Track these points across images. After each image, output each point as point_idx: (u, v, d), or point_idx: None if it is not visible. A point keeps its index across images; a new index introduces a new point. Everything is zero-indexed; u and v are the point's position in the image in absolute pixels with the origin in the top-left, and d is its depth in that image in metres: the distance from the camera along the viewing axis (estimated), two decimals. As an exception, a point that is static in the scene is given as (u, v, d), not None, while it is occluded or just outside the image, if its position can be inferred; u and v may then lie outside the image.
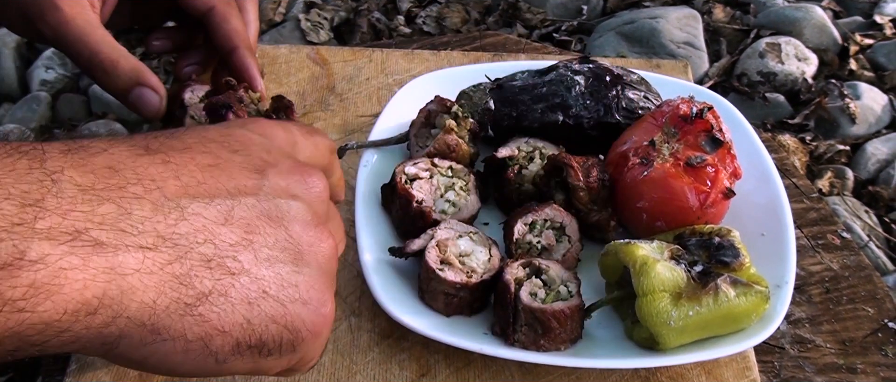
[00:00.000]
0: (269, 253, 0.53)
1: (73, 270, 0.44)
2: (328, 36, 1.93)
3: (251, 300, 0.51)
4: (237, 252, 0.51)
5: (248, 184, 0.54)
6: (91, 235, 0.45)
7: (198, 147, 0.54)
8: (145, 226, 0.47)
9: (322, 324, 0.55)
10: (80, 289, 0.44)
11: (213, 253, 0.50)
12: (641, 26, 1.84)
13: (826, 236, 1.01)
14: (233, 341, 0.51)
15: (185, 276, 0.49)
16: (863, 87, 1.73)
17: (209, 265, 0.50)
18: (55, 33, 0.89)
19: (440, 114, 0.96)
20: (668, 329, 0.77)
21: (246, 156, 0.56)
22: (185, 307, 0.49)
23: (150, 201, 0.48)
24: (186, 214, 0.50)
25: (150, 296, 0.47)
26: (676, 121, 0.89)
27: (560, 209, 0.88)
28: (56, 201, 0.45)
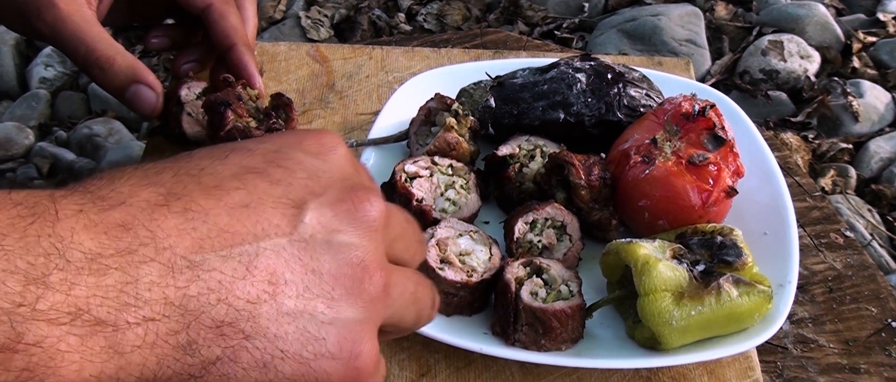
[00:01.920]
0: (295, 304, 0.48)
1: (70, 352, 0.43)
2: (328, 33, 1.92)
3: (266, 363, 0.47)
4: (255, 308, 0.47)
5: (281, 223, 0.49)
6: (92, 314, 0.43)
7: (231, 183, 0.50)
8: (153, 293, 0.45)
9: (355, 376, 0.50)
10: (76, 370, 0.43)
11: (226, 316, 0.46)
12: (643, 24, 1.83)
13: (829, 235, 1.00)
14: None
15: (192, 344, 0.46)
16: (866, 85, 1.72)
17: (220, 330, 0.46)
18: (52, 30, 0.89)
19: (440, 112, 0.95)
20: (670, 328, 0.76)
21: (287, 186, 0.51)
22: (189, 378, 0.46)
23: (161, 263, 0.45)
24: (201, 272, 0.46)
25: (151, 369, 0.45)
26: (678, 119, 0.88)
27: (561, 208, 0.87)
28: (61, 275, 0.43)
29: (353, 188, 0.53)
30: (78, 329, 0.43)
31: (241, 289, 0.47)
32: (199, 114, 0.96)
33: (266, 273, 0.48)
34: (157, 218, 0.46)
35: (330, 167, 0.54)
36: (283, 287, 0.48)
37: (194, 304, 0.46)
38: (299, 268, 0.49)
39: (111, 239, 0.45)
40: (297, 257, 0.49)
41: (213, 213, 0.48)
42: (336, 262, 0.50)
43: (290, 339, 0.48)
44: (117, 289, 0.44)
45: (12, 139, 1.69)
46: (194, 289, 0.46)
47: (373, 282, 0.51)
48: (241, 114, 0.92)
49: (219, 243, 0.47)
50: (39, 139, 1.73)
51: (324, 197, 0.51)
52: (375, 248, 0.52)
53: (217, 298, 0.46)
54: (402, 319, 0.55)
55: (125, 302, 0.44)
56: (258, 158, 0.52)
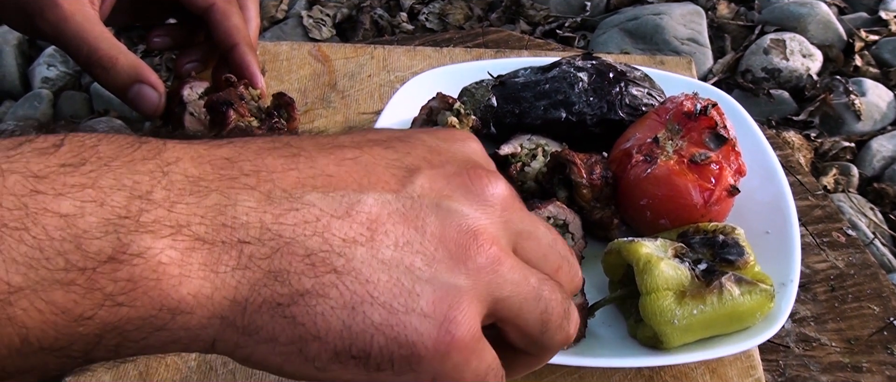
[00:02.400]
0: (392, 254, 0.47)
1: (170, 265, 0.43)
2: (330, 33, 1.92)
3: (354, 304, 0.45)
4: (349, 248, 0.46)
5: (390, 180, 0.48)
6: (192, 230, 0.44)
7: (348, 145, 0.50)
8: (250, 217, 0.45)
9: (447, 344, 0.46)
10: (176, 285, 0.43)
11: (320, 248, 0.45)
12: (645, 22, 1.83)
13: (831, 234, 1.00)
14: (330, 348, 0.46)
15: (283, 272, 0.45)
16: (868, 84, 1.72)
17: (312, 260, 0.45)
18: (54, 30, 0.89)
19: (442, 111, 0.95)
20: (672, 327, 0.76)
21: (403, 154, 0.50)
22: (277, 307, 0.45)
23: (261, 192, 0.46)
24: (298, 205, 0.46)
25: (243, 294, 0.45)
26: (680, 118, 0.88)
27: (563, 206, 0.87)
28: (164, 193, 0.44)
29: (475, 166, 0.52)
30: (179, 243, 0.43)
31: (337, 227, 0.46)
32: (202, 113, 0.96)
33: (366, 218, 0.47)
34: (263, 156, 0.47)
35: (454, 149, 0.53)
36: (382, 235, 0.47)
37: (289, 232, 0.45)
38: (401, 222, 0.47)
39: (214, 169, 0.45)
40: (401, 212, 0.48)
41: (321, 161, 0.48)
42: (442, 225, 0.48)
43: (382, 287, 0.46)
44: (216, 210, 0.44)
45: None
46: (291, 219, 0.45)
47: (481, 252, 0.48)
48: (243, 113, 0.92)
49: (322, 183, 0.47)
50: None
51: (440, 169, 0.50)
52: (490, 223, 0.50)
53: (313, 230, 0.45)
54: (520, 313, 0.51)
55: (222, 223, 0.44)
56: (384, 134, 0.52)
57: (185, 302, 0.43)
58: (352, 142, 0.51)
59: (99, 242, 0.42)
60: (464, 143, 0.54)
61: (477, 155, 0.54)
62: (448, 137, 0.54)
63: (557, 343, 0.53)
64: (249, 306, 0.45)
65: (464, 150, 0.54)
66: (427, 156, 0.51)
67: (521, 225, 0.52)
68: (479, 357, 0.49)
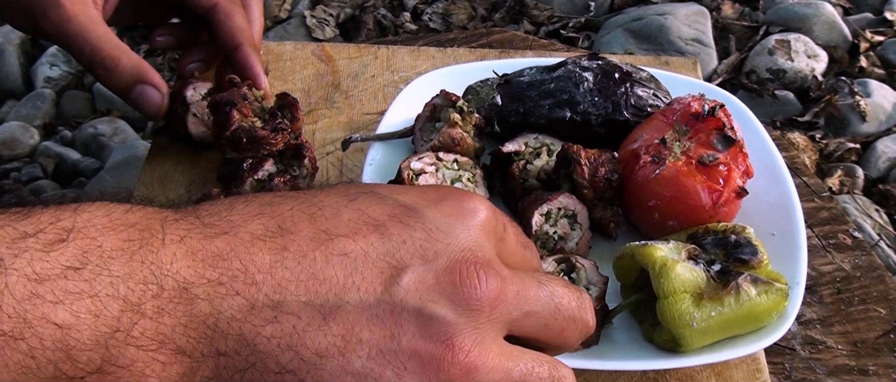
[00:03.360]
0: (363, 364, 0.47)
1: (152, 377, 0.45)
2: (334, 32, 1.92)
3: None
4: (321, 361, 0.47)
5: (374, 280, 0.48)
6: (176, 343, 0.46)
7: (342, 230, 0.49)
8: (231, 328, 0.46)
9: None
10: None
11: (290, 363, 0.46)
12: (649, 23, 1.83)
13: (837, 235, 0.99)
14: None
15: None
16: (873, 85, 1.71)
17: (283, 376, 0.47)
18: (57, 30, 0.88)
19: (445, 109, 0.95)
20: (692, 330, 0.76)
21: (398, 244, 0.49)
22: None
23: (245, 299, 0.46)
24: (279, 314, 0.47)
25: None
26: (688, 119, 0.88)
27: (573, 196, 0.87)
28: (154, 303, 0.45)
29: (469, 261, 0.50)
30: (162, 356, 0.45)
31: (312, 339, 0.47)
32: (205, 114, 0.96)
33: (342, 327, 0.47)
34: (253, 253, 0.47)
35: (456, 234, 0.51)
36: (355, 345, 0.47)
37: (265, 346, 0.46)
38: (378, 331, 0.47)
39: (206, 269, 0.46)
40: (380, 319, 0.48)
41: (310, 257, 0.48)
42: (419, 333, 0.48)
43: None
44: (200, 320, 0.46)
45: (17, 139, 1.69)
46: (269, 331, 0.46)
47: (454, 363, 0.48)
48: (246, 113, 0.91)
49: (304, 288, 0.47)
50: (44, 138, 1.73)
51: (432, 263, 0.49)
52: (473, 328, 0.49)
53: (288, 344, 0.46)
54: None
55: (205, 333, 0.46)
56: (384, 210, 0.51)
57: None
58: (347, 226, 0.49)
59: (89, 353, 0.44)
60: (469, 220, 0.52)
61: (481, 234, 0.52)
62: (454, 212, 0.52)
63: None
64: None
65: (467, 233, 0.51)
66: (423, 245, 0.50)
67: (516, 311, 0.51)
68: None
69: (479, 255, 0.51)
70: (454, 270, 0.49)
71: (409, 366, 0.48)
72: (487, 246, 0.53)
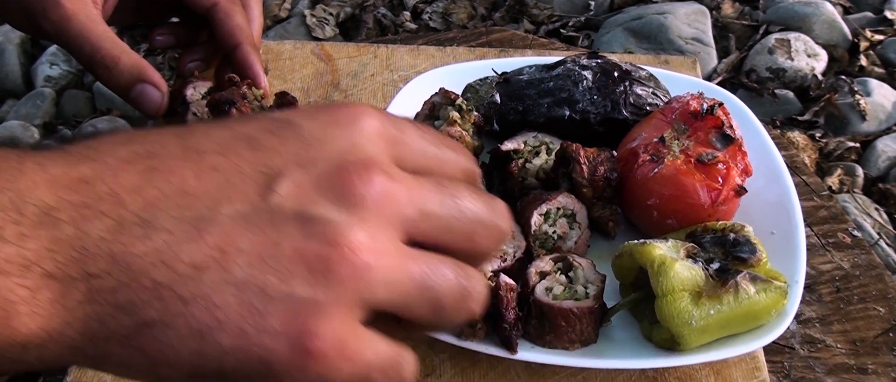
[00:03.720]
0: (244, 273, 0.45)
1: (20, 303, 0.43)
2: (334, 32, 1.92)
3: (202, 332, 0.45)
4: (198, 274, 0.45)
5: (249, 190, 0.46)
6: (42, 266, 0.44)
7: (214, 147, 0.48)
8: (100, 249, 0.44)
9: (304, 358, 0.45)
10: (26, 322, 0.44)
11: (165, 277, 0.45)
12: (649, 22, 1.83)
13: (836, 234, 1.00)
14: (183, 371, 0.46)
15: (129, 304, 0.45)
16: (873, 84, 1.71)
17: (158, 291, 0.45)
18: (57, 29, 0.88)
19: (444, 107, 0.95)
20: (690, 329, 0.76)
21: (272, 154, 0.48)
22: (125, 338, 0.45)
23: (113, 219, 0.45)
24: (150, 231, 0.45)
25: (92, 327, 0.45)
26: (686, 118, 0.88)
27: (571, 196, 0.87)
28: (15, 229, 0.43)
29: (350, 162, 0.48)
30: (29, 281, 0.43)
31: (186, 252, 0.45)
32: (205, 113, 0.96)
33: (218, 238, 0.45)
34: (119, 175, 0.46)
35: (335, 139, 0.49)
36: (234, 254, 0.45)
37: (137, 264, 0.44)
38: (257, 238, 0.45)
39: (69, 194, 0.45)
40: (259, 227, 0.46)
41: (179, 174, 0.46)
42: (302, 235, 0.46)
43: (231, 311, 0.45)
44: (68, 243, 0.44)
45: (17, 138, 1.69)
46: (140, 248, 0.45)
47: (344, 262, 0.46)
48: (245, 112, 0.91)
49: (175, 204, 0.46)
50: (44, 137, 1.73)
51: (309, 168, 0.47)
52: (360, 226, 0.46)
53: (160, 259, 0.45)
54: (405, 308, 0.49)
55: (72, 256, 0.44)
56: (257, 125, 0.49)
57: (36, 336, 0.44)
58: (218, 145, 0.48)
59: None
60: (350, 127, 0.50)
61: (366, 139, 0.50)
62: (331, 121, 0.50)
63: (458, 322, 0.51)
64: (98, 338, 0.45)
65: (347, 137, 0.49)
66: (298, 152, 0.48)
67: (411, 209, 0.49)
68: (351, 359, 0.47)
69: (360, 156, 0.48)
70: (334, 171, 0.47)
71: (294, 270, 0.45)
72: (373, 149, 0.50)
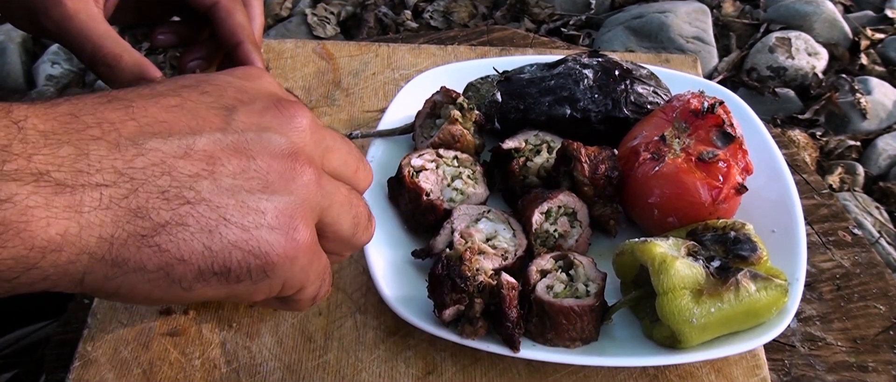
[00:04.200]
0: (232, 182, 0.54)
1: (37, 208, 0.47)
2: (335, 30, 1.92)
3: (210, 228, 0.52)
4: (196, 182, 0.52)
5: (214, 120, 0.55)
6: (52, 176, 0.48)
7: (167, 93, 0.56)
8: (103, 164, 0.50)
9: (295, 249, 0.55)
10: (44, 227, 0.48)
11: (170, 185, 0.51)
12: (650, 21, 1.83)
13: (837, 232, 1.00)
14: (195, 269, 0.52)
15: (142, 209, 0.51)
16: (874, 82, 1.71)
17: (166, 196, 0.51)
18: (58, 28, 0.88)
19: (445, 105, 0.95)
20: (691, 327, 0.76)
21: (217, 96, 0.58)
22: (141, 238, 0.51)
23: (108, 141, 0.51)
24: (144, 150, 0.51)
25: (108, 231, 0.50)
26: (687, 116, 0.88)
27: (573, 195, 0.87)
28: (21, 146, 0.48)
29: (280, 100, 0.59)
30: (42, 188, 0.48)
31: (181, 166, 0.53)
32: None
33: (203, 155, 0.54)
34: (101, 110, 0.52)
35: (257, 87, 0.61)
36: (220, 167, 0.54)
37: (140, 175, 0.51)
38: (234, 155, 0.55)
39: (61, 123, 0.50)
40: (232, 146, 0.55)
41: (151, 110, 0.54)
42: (268, 153, 0.56)
43: (232, 209, 0.53)
44: (71, 159, 0.49)
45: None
46: (139, 163, 0.51)
47: (304, 172, 0.57)
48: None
49: (158, 129, 0.53)
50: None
51: (252, 104, 0.58)
52: (304, 146, 0.58)
53: (161, 171, 0.52)
54: (338, 221, 0.61)
55: (79, 169, 0.49)
56: (191, 80, 0.59)
57: (53, 241, 0.48)
58: (169, 91, 0.57)
59: None
60: (261, 81, 0.62)
61: (275, 87, 0.62)
62: (245, 76, 0.62)
63: (364, 242, 0.65)
64: (115, 241, 0.50)
65: (264, 87, 0.61)
66: (238, 95, 0.58)
67: (326, 142, 0.61)
68: (318, 257, 0.58)
69: (281, 97, 0.60)
70: (271, 107, 0.58)
71: (270, 178, 0.55)
72: (281, 90, 0.63)
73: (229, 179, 0.54)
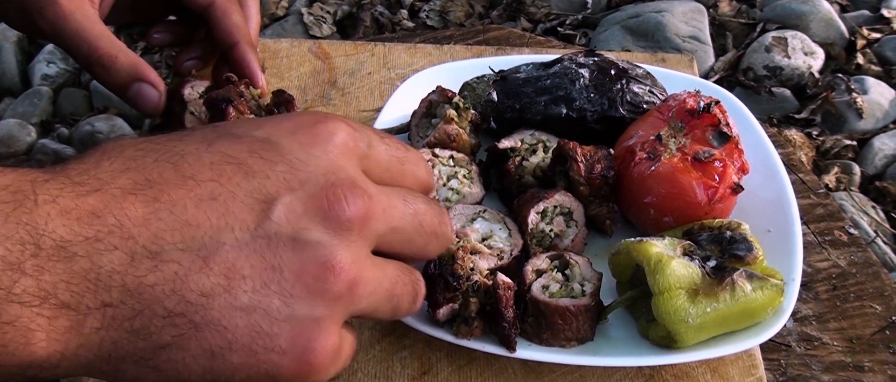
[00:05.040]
0: (249, 299, 0.50)
1: (38, 331, 0.47)
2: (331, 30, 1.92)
3: (214, 352, 0.50)
4: (208, 300, 0.49)
5: (246, 218, 0.50)
6: (58, 298, 0.47)
7: (207, 173, 0.51)
8: (113, 280, 0.48)
9: (307, 371, 0.52)
10: (44, 346, 0.47)
11: (177, 307, 0.49)
12: (647, 20, 1.83)
13: (833, 232, 1.00)
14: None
15: (144, 330, 0.49)
16: (870, 82, 1.72)
17: (171, 319, 0.49)
18: (53, 28, 0.88)
19: (441, 105, 0.95)
20: (687, 326, 0.76)
21: (263, 179, 0.52)
22: (140, 359, 0.49)
23: (123, 252, 0.48)
24: (159, 262, 0.49)
25: (107, 349, 0.49)
26: (683, 116, 0.88)
27: (569, 194, 0.87)
28: (34, 262, 0.46)
29: (333, 184, 0.53)
30: (46, 311, 0.47)
31: (195, 281, 0.49)
32: (202, 112, 0.96)
33: (223, 267, 0.49)
34: (126, 207, 0.49)
35: (316, 160, 0.54)
36: (238, 281, 0.49)
37: (149, 294, 0.48)
38: (259, 264, 0.50)
39: (82, 227, 0.48)
40: (259, 253, 0.50)
41: (180, 205, 0.50)
42: (299, 260, 0.51)
43: (240, 333, 0.50)
44: (81, 276, 0.47)
45: (14, 136, 1.69)
46: (151, 279, 0.48)
47: (337, 282, 0.51)
48: (242, 111, 0.91)
49: (180, 235, 0.49)
50: (41, 136, 1.73)
51: (298, 192, 0.52)
52: (347, 247, 0.52)
53: (171, 289, 0.48)
54: (375, 312, 0.56)
55: (87, 287, 0.47)
56: (243, 147, 0.53)
57: (52, 358, 0.48)
58: (211, 168, 0.51)
59: None
60: (327, 145, 0.55)
61: (341, 155, 0.55)
62: (310, 140, 0.54)
63: (404, 316, 0.60)
64: (113, 357, 0.49)
65: (326, 156, 0.54)
66: (286, 176, 0.52)
67: (383, 226, 0.55)
68: (338, 360, 0.53)
69: (341, 176, 0.54)
70: (320, 195, 0.52)
71: (295, 292, 0.51)
72: (349, 166, 0.55)
73: (246, 295, 0.50)
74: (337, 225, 0.52)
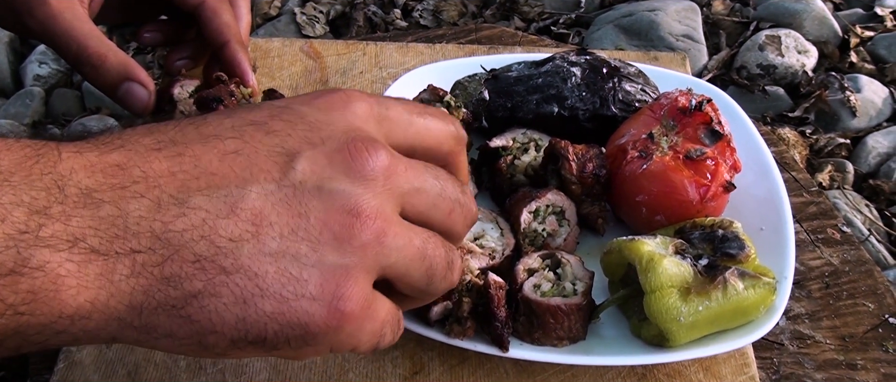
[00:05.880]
0: (278, 245, 0.50)
1: (68, 277, 0.46)
2: (324, 29, 1.91)
3: (245, 298, 0.50)
4: (236, 246, 0.49)
5: (271, 169, 0.51)
6: (87, 243, 0.47)
7: (229, 133, 0.53)
8: (141, 227, 0.48)
9: (338, 319, 0.51)
10: (74, 295, 0.46)
11: (207, 250, 0.49)
12: (640, 19, 1.82)
13: (826, 230, 1.00)
14: (227, 339, 0.50)
15: (174, 277, 0.48)
16: (863, 80, 1.71)
17: (201, 264, 0.49)
18: (42, 28, 0.88)
19: (433, 103, 0.95)
20: (679, 325, 0.76)
21: (285, 137, 0.53)
22: (172, 308, 0.49)
23: (150, 199, 0.49)
24: (186, 209, 0.49)
25: (138, 299, 0.48)
26: (675, 114, 0.88)
27: (561, 193, 0.87)
28: (60, 208, 0.47)
29: (355, 139, 0.54)
30: (75, 256, 0.46)
31: (223, 227, 0.49)
32: (192, 111, 0.96)
33: (250, 213, 0.50)
34: (150, 160, 0.50)
35: (336, 121, 0.55)
36: (266, 228, 0.50)
37: (177, 239, 0.48)
38: (285, 212, 0.50)
39: (106, 178, 0.48)
40: (285, 201, 0.51)
41: (205, 158, 0.51)
42: (325, 208, 0.51)
43: (271, 278, 0.50)
44: (109, 222, 0.47)
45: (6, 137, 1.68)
46: (179, 225, 0.48)
47: (364, 229, 0.52)
48: (233, 110, 0.91)
49: (205, 183, 0.50)
50: (33, 137, 1.72)
51: (321, 147, 0.53)
52: (372, 196, 0.53)
53: (200, 235, 0.49)
54: (407, 273, 0.55)
55: (115, 234, 0.47)
56: (263, 112, 0.54)
57: (83, 308, 0.47)
58: (232, 129, 0.53)
59: (1, 256, 0.45)
60: (345, 110, 0.56)
61: (359, 118, 0.56)
62: (328, 106, 0.56)
63: (442, 291, 0.59)
64: (145, 309, 0.48)
65: (345, 119, 0.55)
66: (307, 134, 0.53)
67: (407, 184, 0.55)
68: (372, 318, 0.53)
69: (362, 134, 0.54)
70: (343, 149, 0.53)
71: (322, 238, 0.51)
72: (369, 127, 0.56)
73: (275, 242, 0.50)
74: (361, 176, 0.53)
